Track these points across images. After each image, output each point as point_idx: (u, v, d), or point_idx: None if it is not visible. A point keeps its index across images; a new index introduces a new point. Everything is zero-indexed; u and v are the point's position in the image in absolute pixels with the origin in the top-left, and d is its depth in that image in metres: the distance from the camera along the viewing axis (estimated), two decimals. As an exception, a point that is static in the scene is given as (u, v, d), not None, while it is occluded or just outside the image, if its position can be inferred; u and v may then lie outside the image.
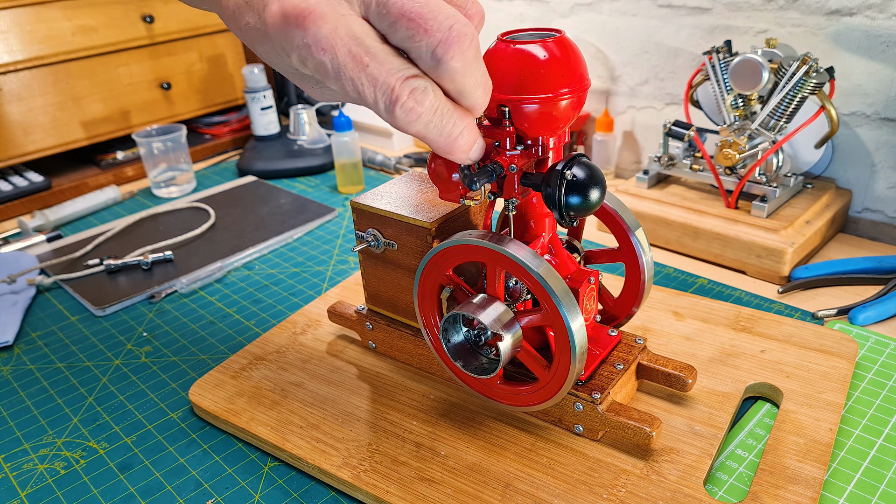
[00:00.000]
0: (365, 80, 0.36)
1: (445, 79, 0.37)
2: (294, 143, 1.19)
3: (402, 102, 0.36)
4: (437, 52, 0.36)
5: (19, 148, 1.07)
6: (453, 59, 0.36)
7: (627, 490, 0.48)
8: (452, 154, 0.40)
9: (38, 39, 1.05)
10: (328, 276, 0.83)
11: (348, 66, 0.36)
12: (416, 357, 0.61)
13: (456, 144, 0.40)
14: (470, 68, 0.37)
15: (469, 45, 0.36)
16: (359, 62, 0.35)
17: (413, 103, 0.36)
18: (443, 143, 0.39)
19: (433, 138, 0.39)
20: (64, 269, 0.87)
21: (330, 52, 0.35)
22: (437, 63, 0.36)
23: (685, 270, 0.79)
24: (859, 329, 0.66)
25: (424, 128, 0.38)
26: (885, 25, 0.76)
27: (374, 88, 0.36)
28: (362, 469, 0.52)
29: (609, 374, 0.53)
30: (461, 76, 0.37)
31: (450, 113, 0.38)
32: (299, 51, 0.36)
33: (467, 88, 0.38)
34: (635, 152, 1.05)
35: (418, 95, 0.36)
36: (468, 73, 0.37)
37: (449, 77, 0.37)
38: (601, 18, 1.00)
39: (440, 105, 0.38)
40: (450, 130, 0.39)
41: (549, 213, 0.52)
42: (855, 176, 0.84)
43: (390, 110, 0.37)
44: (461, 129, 0.39)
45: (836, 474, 0.51)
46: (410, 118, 0.37)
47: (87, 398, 0.65)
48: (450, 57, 0.36)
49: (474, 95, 0.39)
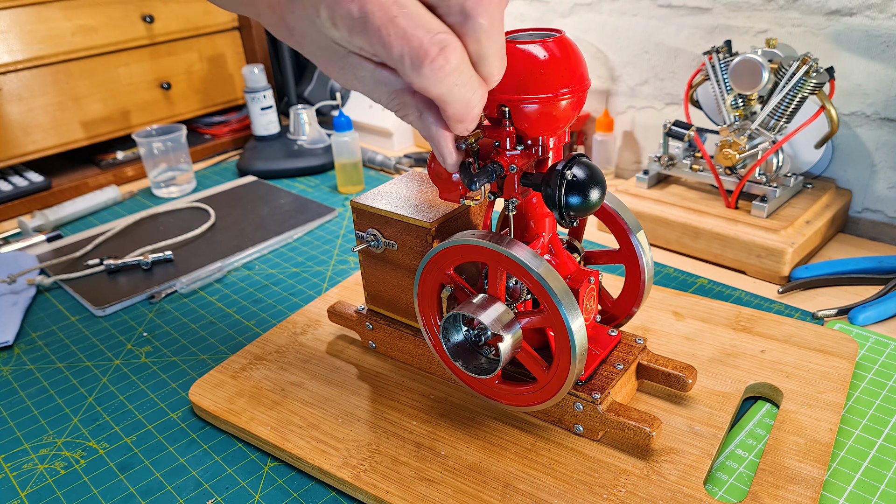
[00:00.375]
0: (392, 32, 0.35)
1: (471, 38, 0.36)
2: (294, 143, 1.19)
3: (433, 58, 0.35)
4: (468, 5, 0.35)
5: (19, 148, 1.07)
6: (482, 15, 0.35)
7: (627, 490, 0.48)
8: (464, 122, 0.39)
9: (38, 39, 1.05)
10: (328, 276, 0.83)
11: (376, 16, 0.35)
12: (416, 357, 0.61)
13: (471, 113, 0.39)
14: (495, 31, 0.36)
15: (498, 5, 0.36)
16: (388, 12, 0.35)
17: (443, 61, 0.35)
18: (460, 109, 0.38)
19: (452, 102, 0.38)
20: (64, 269, 0.87)
21: (358, 0, 0.34)
22: (466, 18, 0.36)
23: (685, 270, 0.79)
24: (859, 329, 0.66)
25: (448, 90, 0.37)
26: (885, 25, 0.76)
27: (402, 41, 0.35)
28: (362, 469, 0.52)
29: (609, 374, 0.53)
30: (486, 37, 0.36)
31: (471, 78, 0.38)
32: (328, 1, 0.35)
33: (489, 53, 0.37)
34: (635, 152, 1.05)
35: (448, 53, 0.35)
36: (493, 36, 0.37)
37: (475, 36, 0.36)
38: (601, 18, 1.00)
39: (465, 68, 0.37)
40: (470, 96, 0.38)
41: (549, 213, 0.52)
42: (855, 176, 0.84)
43: (417, 67, 0.35)
44: (479, 97, 0.38)
45: (836, 474, 0.51)
46: (438, 76, 0.36)
47: (87, 398, 0.65)
48: (479, 12, 0.35)
49: (493, 64, 0.38)
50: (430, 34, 0.35)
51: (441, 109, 0.39)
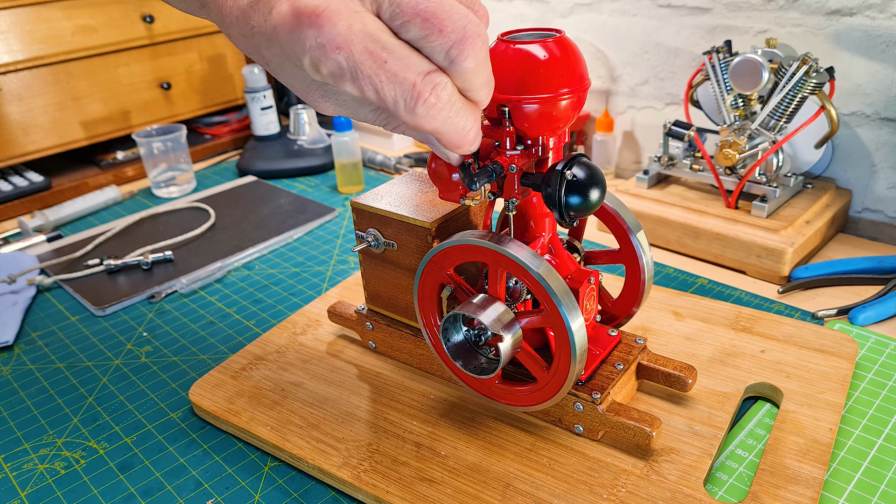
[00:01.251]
0: (385, 78, 0.35)
1: (457, 77, 0.37)
2: (294, 143, 1.19)
3: (425, 99, 0.36)
4: (452, 52, 0.36)
5: (19, 148, 1.07)
6: (467, 59, 0.36)
7: (627, 490, 0.48)
8: (461, 148, 0.40)
9: (38, 39, 1.05)
10: (328, 276, 0.83)
11: (366, 64, 0.35)
12: (416, 357, 0.61)
13: (466, 139, 0.40)
14: (480, 68, 0.37)
15: (482, 46, 0.36)
16: (377, 59, 0.35)
17: (434, 99, 0.36)
18: (455, 138, 0.39)
19: (447, 133, 0.38)
20: (64, 269, 0.87)
21: (346, 49, 0.34)
22: (451, 63, 0.36)
23: (685, 270, 0.79)
24: (859, 329, 0.66)
25: (442, 123, 0.37)
26: (885, 25, 0.76)
27: (395, 85, 0.35)
28: (362, 469, 0.52)
29: (609, 374, 0.53)
30: (472, 75, 0.37)
31: (463, 107, 0.38)
32: (312, 52, 0.35)
33: (476, 86, 0.38)
34: (635, 152, 1.05)
35: (439, 91, 0.36)
36: (479, 73, 0.37)
37: (461, 76, 0.37)
38: (601, 18, 1.00)
39: (456, 100, 0.37)
40: (463, 125, 0.39)
41: (549, 213, 0.52)
42: (855, 176, 0.84)
43: (411, 108, 0.36)
44: (472, 122, 0.39)
45: (836, 474, 0.51)
46: (431, 114, 0.36)
47: (87, 398, 0.65)
48: (464, 58, 0.36)
49: (481, 92, 0.39)
50: (420, 75, 0.35)
51: (437, 139, 0.39)
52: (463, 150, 0.41)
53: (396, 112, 0.37)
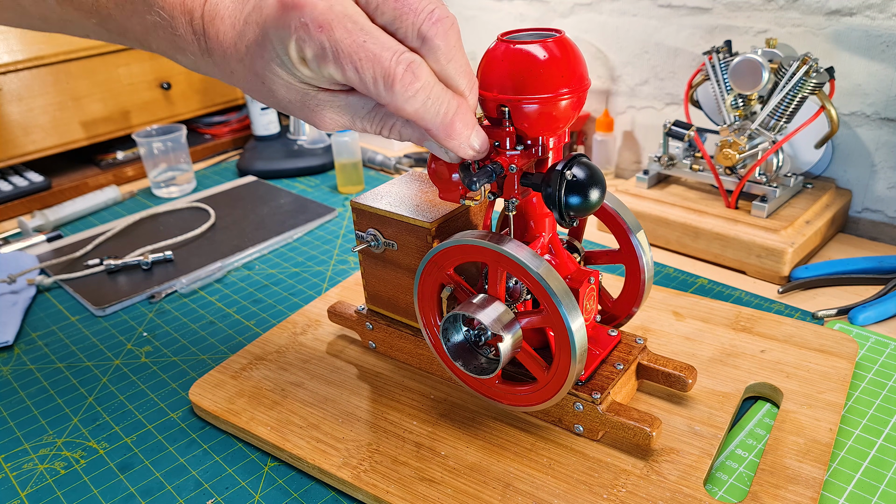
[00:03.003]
0: (363, 57, 0.37)
1: (431, 59, 0.39)
2: (294, 143, 1.19)
3: (401, 77, 0.37)
4: (423, 29, 0.37)
5: (19, 148, 1.07)
6: (437, 36, 0.38)
7: (627, 490, 0.48)
8: (452, 139, 0.41)
9: (38, 39, 1.05)
10: (328, 276, 0.83)
11: (345, 43, 0.37)
12: (416, 357, 0.61)
13: (453, 127, 0.40)
14: (453, 52, 0.39)
15: (451, 28, 0.38)
16: (355, 39, 0.37)
17: (411, 77, 0.37)
18: (439, 125, 0.40)
19: (430, 118, 0.39)
20: (64, 269, 0.87)
21: (327, 29, 0.36)
22: (423, 42, 0.38)
23: (685, 270, 0.79)
24: (859, 329, 0.66)
25: (422, 105, 0.39)
26: (885, 25, 0.76)
27: (373, 64, 0.37)
28: (362, 469, 0.52)
29: (609, 374, 0.53)
30: (445, 58, 0.39)
31: (443, 93, 0.39)
32: (297, 33, 0.37)
33: (452, 73, 0.39)
34: (635, 152, 1.05)
35: (415, 69, 0.38)
36: (451, 57, 0.39)
37: (434, 58, 0.38)
38: (601, 18, 1.00)
39: (434, 84, 0.39)
40: (445, 109, 0.40)
41: (549, 213, 0.52)
42: (855, 176, 0.84)
43: (390, 85, 0.37)
44: (454, 108, 0.40)
45: (836, 474, 0.51)
46: (409, 93, 0.38)
47: (87, 398, 0.65)
48: (433, 34, 0.38)
49: (460, 81, 0.40)
50: (396, 54, 0.37)
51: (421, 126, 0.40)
52: (457, 145, 0.42)
53: (377, 94, 0.38)
